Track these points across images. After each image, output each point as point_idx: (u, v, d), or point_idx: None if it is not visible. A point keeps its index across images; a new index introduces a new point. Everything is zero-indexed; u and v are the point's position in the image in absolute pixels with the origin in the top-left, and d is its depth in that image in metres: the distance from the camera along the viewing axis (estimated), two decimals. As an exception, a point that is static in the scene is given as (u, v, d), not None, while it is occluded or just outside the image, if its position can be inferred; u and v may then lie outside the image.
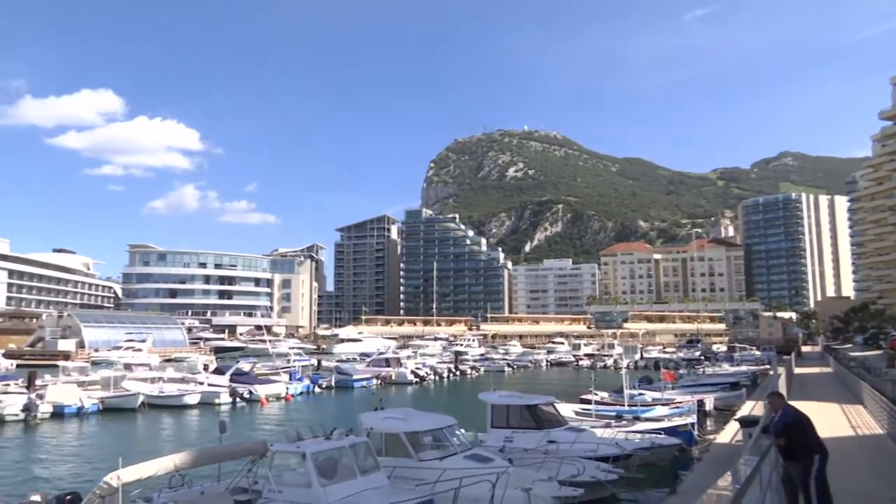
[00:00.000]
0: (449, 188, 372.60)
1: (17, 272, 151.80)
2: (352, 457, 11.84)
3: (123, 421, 33.35)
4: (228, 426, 14.16)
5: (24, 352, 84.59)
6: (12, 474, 20.83)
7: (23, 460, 23.40)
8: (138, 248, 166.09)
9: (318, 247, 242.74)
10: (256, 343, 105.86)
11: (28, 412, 32.64)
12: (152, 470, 9.05)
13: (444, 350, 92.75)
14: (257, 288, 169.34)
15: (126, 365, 51.83)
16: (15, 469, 21.70)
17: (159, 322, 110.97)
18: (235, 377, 44.93)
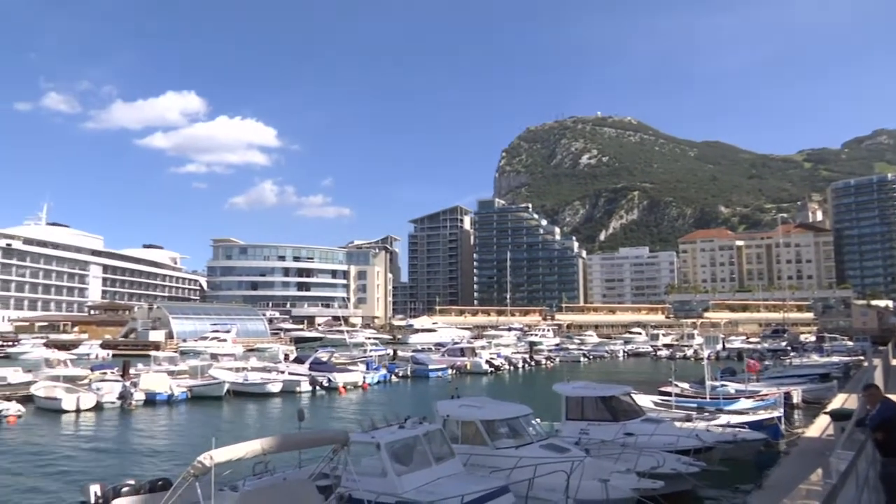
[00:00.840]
0: (521, 177, 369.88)
1: (111, 267, 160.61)
2: (426, 445, 11.94)
3: (210, 408, 34.81)
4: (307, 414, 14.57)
5: (118, 342, 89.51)
6: (110, 458, 22.08)
7: (119, 444, 24.80)
8: (221, 242, 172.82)
9: (393, 238, 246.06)
10: (334, 333, 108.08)
11: (123, 399, 34.49)
12: (242, 452, 9.37)
13: (518, 340, 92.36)
14: (334, 280, 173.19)
15: (212, 355, 54.00)
16: (112, 453, 23.01)
17: (242, 313, 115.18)
18: (314, 366, 46.11)
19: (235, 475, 11.11)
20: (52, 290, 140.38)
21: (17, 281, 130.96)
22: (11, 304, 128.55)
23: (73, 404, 32.35)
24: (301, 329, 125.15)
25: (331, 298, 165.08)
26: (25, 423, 29.55)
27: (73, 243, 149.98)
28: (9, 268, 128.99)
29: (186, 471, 8.96)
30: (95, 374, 41.48)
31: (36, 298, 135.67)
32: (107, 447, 24.22)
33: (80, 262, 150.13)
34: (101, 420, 30.99)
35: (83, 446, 24.50)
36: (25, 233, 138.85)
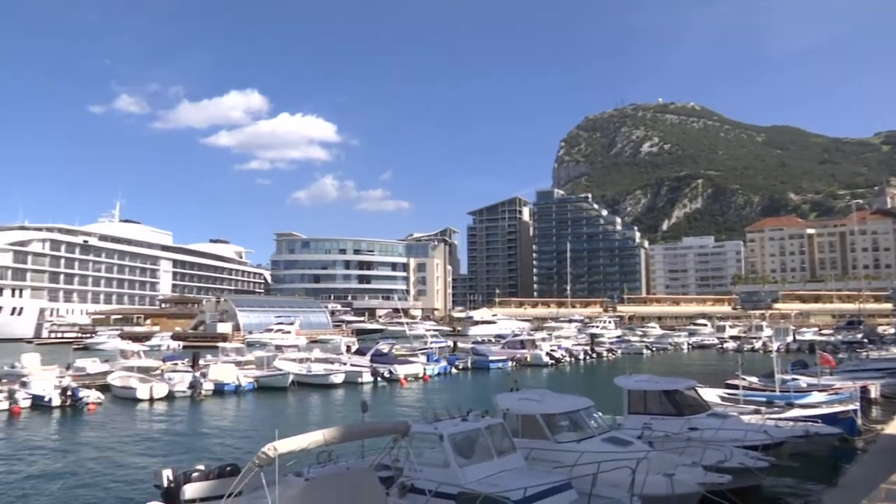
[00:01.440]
0: (581, 167, 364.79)
1: (180, 262, 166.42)
2: (488, 438, 11.93)
3: (275, 398, 35.72)
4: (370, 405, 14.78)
5: (188, 334, 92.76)
6: (181, 445, 22.98)
7: (190, 431, 25.80)
8: (284, 236, 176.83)
9: (451, 231, 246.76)
10: (394, 325, 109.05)
11: (194, 389, 35.73)
12: (305, 443, 9.58)
13: (579, 332, 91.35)
14: (394, 272, 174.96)
15: (277, 346, 55.25)
16: (183, 440, 23.95)
17: (305, 306, 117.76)
18: (376, 358, 46.69)
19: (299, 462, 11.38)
20: (125, 285, 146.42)
21: (93, 276, 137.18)
22: (89, 298, 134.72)
23: (147, 393, 33.76)
24: (362, 321, 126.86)
25: (391, 291, 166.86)
26: (104, 410, 31.01)
27: (144, 239, 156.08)
28: (86, 263, 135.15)
29: (252, 461, 9.23)
30: (167, 365, 43.11)
31: (111, 292, 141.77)
32: (178, 434, 25.25)
33: (152, 258, 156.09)
34: (172, 408, 32.26)
35: (156, 433, 25.60)
36: (100, 230, 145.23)
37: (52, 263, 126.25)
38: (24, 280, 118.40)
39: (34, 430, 26.02)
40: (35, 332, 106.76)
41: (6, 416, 29.01)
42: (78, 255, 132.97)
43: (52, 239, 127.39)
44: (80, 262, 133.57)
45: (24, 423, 27.69)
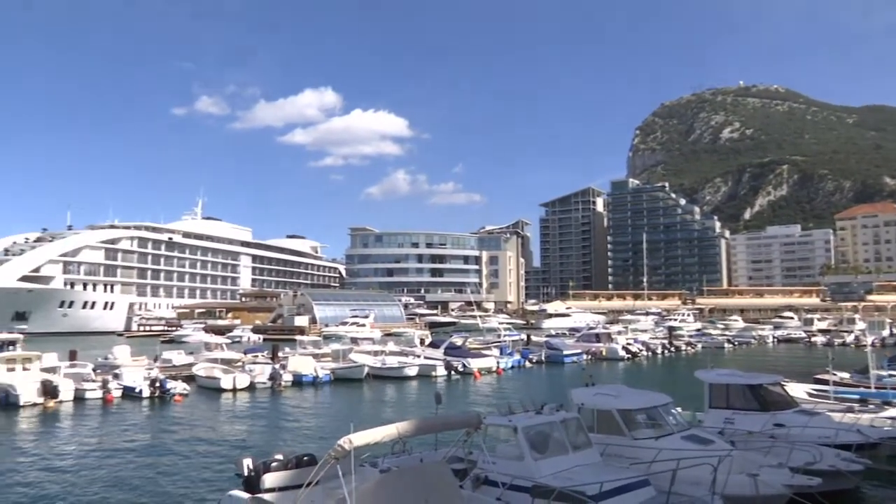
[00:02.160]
0: (657, 155, 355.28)
1: (259, 257, 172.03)
2: (563, 432, 11.82)
3: (351, 390, 36.49)
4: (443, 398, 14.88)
5: (267, 327, 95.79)
6: (261, 434, 23.81)
7: (269, 421, 26.68)
8: (358, 231, 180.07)
9: (524, 223, 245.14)
10: (467, 318, 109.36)
11: (273, 380, 36.93)
12: (379, 436, 9.74)
13: (656, 325, 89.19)
14: (466, 265, 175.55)
15: (352, 339, 56.34)
16: (263, 430, 24.80)
17: (379, 299, 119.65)
18: (449, 351, 46.94)
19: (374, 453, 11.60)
20: (208, 280, 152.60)
21: (177, 271, 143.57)
22: (174, 293, 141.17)
23: (230, 384, 35.12)
24: (435, 314, 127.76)
25: (463, 284, 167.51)
26: (189, 400, 32.48)
27: (225, 235, 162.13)
28: (171, 259, 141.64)
29: (328, 454, 9.46)
30: (248, 357, 44.68)
31: (194, 287, 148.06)
32: (258, 424, 26.18)
33: (232, 253, 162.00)
34: (254, 399, 33.42)
35: (238, 422, 26.63)
36: (184, 227, 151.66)
37: (140, 260, 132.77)
38: (115, 276, 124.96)
39: (125, 418, 27.49)
40: (125, 325, 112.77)
41: (100, 405, 30.76)
42: (163, 251, 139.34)
43: (139, 237, 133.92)
44: (165, 259, 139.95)
45: (116, 412, 29.31)
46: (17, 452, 20.77)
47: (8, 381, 30.56)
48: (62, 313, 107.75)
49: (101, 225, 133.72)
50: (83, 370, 35.03)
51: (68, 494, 15.81)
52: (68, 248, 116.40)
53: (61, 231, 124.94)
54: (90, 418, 27.59)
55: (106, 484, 16.65)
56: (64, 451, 21.00)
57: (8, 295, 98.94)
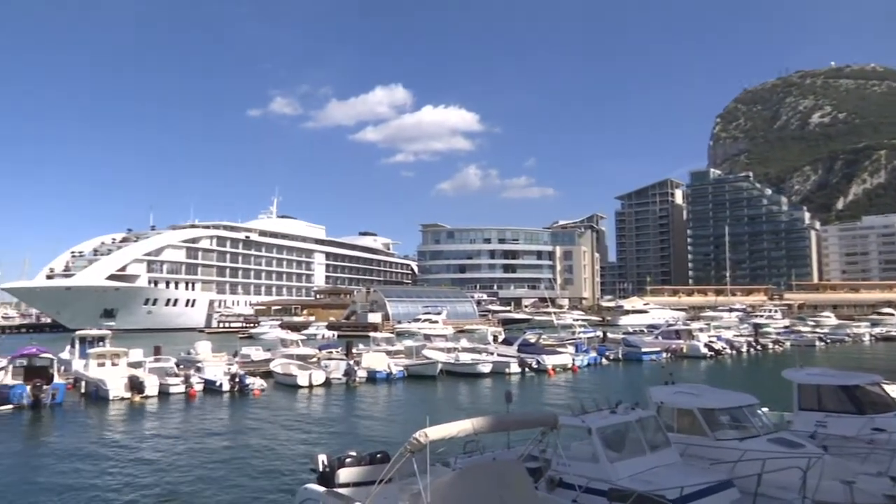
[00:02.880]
0: (739, 144, 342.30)
1: (332, 254, 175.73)
2: (640, 432, 11.55)
3: (425, 386, 36.86)
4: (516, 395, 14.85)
5: (341, 324, 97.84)
6: (336, 430, 24.39)
7: (344, 418, 27.29)
8: (430, 227, 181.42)
9: (598, 217, 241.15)
10: (541, 315, 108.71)
11: (348, 376, 37.73)
12: (454, 431, 9.77)
13: (740, 322, 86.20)
14: (539, 261, 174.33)
15: (425, 336, 56.87)
16: (338, 425, 25.41)
17: (451, 296, 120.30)
18: (523, 348, 46.77)
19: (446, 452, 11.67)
20: (283, 277, 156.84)
21: (254, 269, 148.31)
22: (251, 290, 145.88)
23: (306, 380, 36.06)
24: (508, 311, 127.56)
25: (537, 280, 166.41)
26: (267, 395, 33.59)
27: (299, 233, 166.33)
28: (248, 257, 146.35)
29: (403, 447, 9.57)
30: (323, 353, 45.75)
31: (271, 284, 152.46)
32: (333, 419, 26.84)
33: (307, 251, 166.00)
34: (329, 395, 34.21)
35: (314, 418, 27.34)
36: (260, 225, 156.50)
37: (219, 258, 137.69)
38: (196, 274, 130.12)
39: (206, 412, 28.69)
40: (206, 322, 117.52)
41: (183, 399, 32.15)
42: (241, 250, 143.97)
43: (218, 236, 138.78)
44: (243, 257, 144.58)
45: (197, 406, 30.61)
46: (109, 443, 22.07)
47: (99, 375, 32.42)
48: (147, 311, 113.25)
49: (182, 225, 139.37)
50: (166, 365, 36.77)
51: (155, 484, 16.71)
52: (152, 247, 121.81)
53: (145, 231, 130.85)
54: (174, 412, 28.92)
55: (189, 475, 17.49)
56: (151, 443, 22.14)
57: (97, 293, 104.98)
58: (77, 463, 19.19)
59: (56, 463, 19.31)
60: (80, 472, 18.09)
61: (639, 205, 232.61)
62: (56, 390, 29.51)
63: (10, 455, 20.44)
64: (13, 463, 19.39)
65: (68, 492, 16.07)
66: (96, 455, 20.13)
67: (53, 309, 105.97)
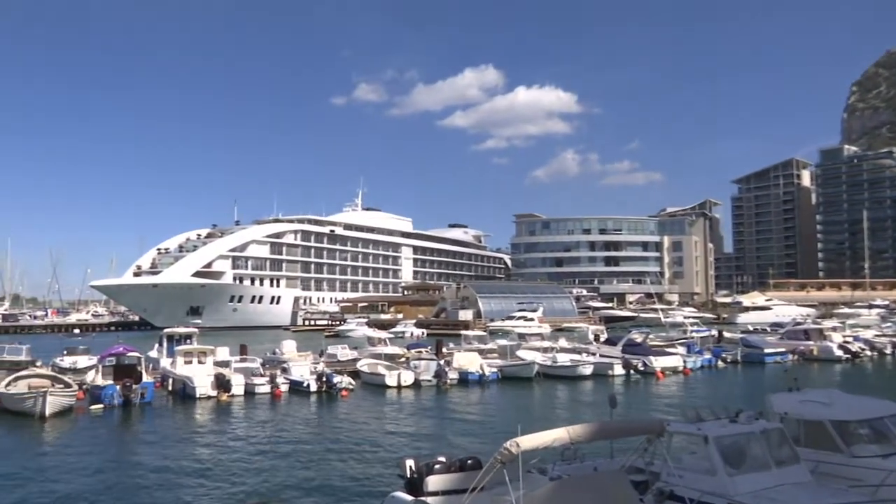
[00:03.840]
0: (880, 115, 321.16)
1: (420, 248, 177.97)
2: (763, 444, 11.04)
3: (520, 389, 36.79)
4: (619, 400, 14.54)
5: (430, 322, 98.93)
6: (425, 434, 24.80)
7: (434, 421, 27.70)
8: (524, 217, 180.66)
9: (712, 203, 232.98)
10: (647, 312, 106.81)
11: (439, 377, 38.10)
12: (549, 439, 9.70)
13: (882, 320, 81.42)
14: (645, 252, 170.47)
15: (520, 334, 56.72)
16: (427, 429, 25.81)
17: (548, 291, 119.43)
18: (628, 348, 45.91)
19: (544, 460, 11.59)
20: (369, 272, 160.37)
21: (339, 264, 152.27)
22: (337, 286, 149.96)
23: (395, 381, 36.71)
24: (610, 307, 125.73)
25: (642, 273, 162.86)
26: (354, 395, 34.51)
27: (385, 226, 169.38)
28: (333, 252, 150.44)
29: (494, 457, 9.58)
30: (412, 353, 46.47)
31: (356, 280, 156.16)
32: (423, 423, 27.32)
33: (393, 245, 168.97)
34: (418, 396, 34.78)
35: (402, 420, 27.90)
36: (345, 219, 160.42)
37: (304, 254, 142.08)
38: (280, 270, 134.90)
39: (292, 413, 29.80)
40: (291, 319, 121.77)
41: (269, 398, 33.47)
42: (326, 244, 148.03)
43: (302, 230, 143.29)
44: (327, 252, 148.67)
45: (283, 406, 31.83)
46: (198, 443, 23.37)
47: (186, 373, 34.22)
48: (232, 308, 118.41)
49: (266, 219, 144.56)
50: (252, 364, 38.38)
51: (241, 483, 17.66)
52: (236, 243, 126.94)
53: (229, 226, 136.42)
54: (260, 412, 30.26)
55: (275, 476, 18.30)
56: (237, 442, 23.27)
57: (183, 290, 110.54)
58: (167, 461, 20.43)
59: (148, 461, 20.64)
60: (169, 470, 19.27)
61: (759, 188, 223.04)
62: (145, 389, 31.36)
63: (105, 454, 21.93)
64: (108, 462, 20.79)
65: (159, 489, 17.20)
66: (185, 454, 21.40)
67: (141, 306, 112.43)
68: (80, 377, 34.61)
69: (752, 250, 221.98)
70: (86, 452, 21.86)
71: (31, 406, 27.57)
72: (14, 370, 34.98)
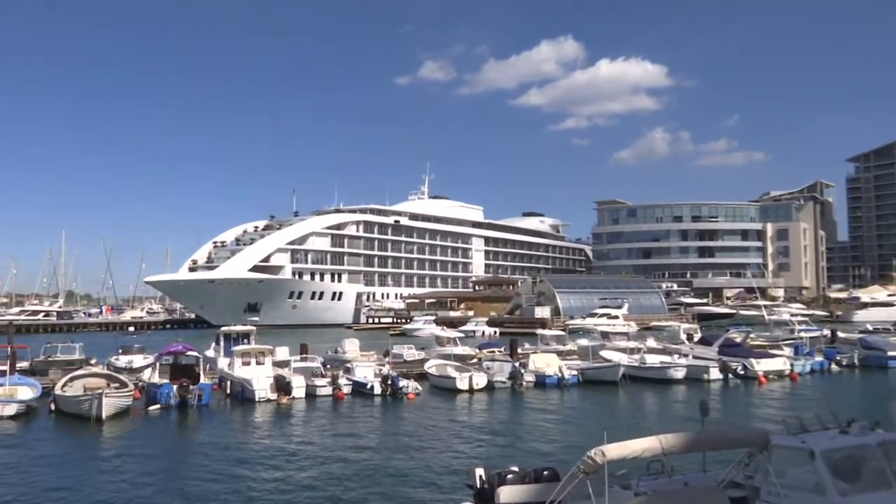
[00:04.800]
0: None
1: (492, 239, 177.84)
2: (882, 459, 10.64)
3: (603, 394, 36.50)
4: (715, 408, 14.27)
5: (503, 319, 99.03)
6: (497, 441, 24.89)
7: (507, 428, 27.75)
8: (607, 204, 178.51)
9: (823, 185, 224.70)
10: (747, 309, 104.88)
11: (513, 380, 38.18)
12: (637, 449, 9.61)
13: None
14: (745, 242, 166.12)
15: (603, 333, 56.27)
16: (499, 436, 25.88)
17: (634, 286, 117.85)
18: (725, 349, 45.01)
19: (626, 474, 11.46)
20: (437, 266, 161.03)
21: (405, 257, 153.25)
22: (402, 281, 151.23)
23: (466, 384, 36.90)
24: (705, 304, 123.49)
25: (741, 265, 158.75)
26: (422, 399, 34.91)
27: (455, 216, 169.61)
28: (398, 244, 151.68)
29: (576, 466, 9.54)
30: (484, 353, 46.65)
31: (423, 274, 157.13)
32: (495, 429, 27.45)
33: (463, 236, 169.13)
34: (492, 401, 34.93)
35: (473, 426, 28.09)
36: (410, 208, 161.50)
37: (366, 246, 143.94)
38: (342, 264, 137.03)
39: (356, 417, 30.43)
40: (353, 317, 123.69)
41: (331, 401, 34.23)
42: (390, 235, 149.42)
43: (364, 220, 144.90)
44: (392, 244, 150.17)
45: (346, 409, 32.49)
46: (258, 448, 24.04)
47: (244, 375, 35.11)
48: (291, 304, 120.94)
49: (326, 210, 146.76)
50: (313, 365, 39.25)
51: (302, 490, 18.19)
52: (295, 235, 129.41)
53: (288, 218, 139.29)
54: (322, 416, 30.97)
55: (338, 484, 18.74)
56: (298, 448, 23.89)
57: (240, 286, 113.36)
58: (226, 466, 21.18)
59: (206, 464, 21.44)
60: (228, 476, 19.96)
61: (880, 167, 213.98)
62: (202, 391, 32.48)
63: (162, 457, 22.92)
64: (165, 465, 21.72)
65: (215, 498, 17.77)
66: (244, 460, 22.07)
67: (197, 303, 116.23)
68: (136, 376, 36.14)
69: (871, 238, 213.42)
70: (147, 457, 22.73)
71: (87, 408, 28.69)
72: (68, 370, 36.86)
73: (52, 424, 29.29)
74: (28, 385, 33.03)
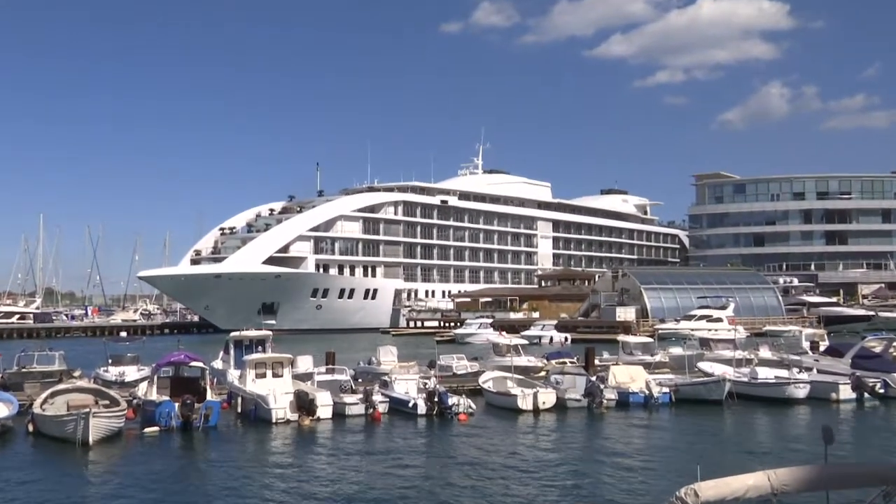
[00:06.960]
0: None
1: (562, 223, 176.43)
2: None
3: (702, 416, 36.20)
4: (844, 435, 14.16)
5: (577, 323, 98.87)
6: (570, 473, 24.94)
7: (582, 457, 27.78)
8: (708, 178, 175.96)
9: None
10: (889, 310, 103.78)
11: (590, 398, 37.76)
12: (741, 488, 9.61)
13: None
14: (886, 225, 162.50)
15: (702, 341, 55.81)
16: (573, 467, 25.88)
17: (742, 281, 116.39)
18: (860, 361, 44.25)
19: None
20: (494, 256, 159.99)
21: (455, 246, 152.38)
22: (451, 276, 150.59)
23: (530, 403, 36.88)
24: (834, 303, 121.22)
25: (881, 255, 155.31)
26: (476, 420, 34.99)
27: (516, 194, 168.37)
28: (445, 230, 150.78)
29: (665, 507, 9.62)
30: (553, 365, 46.59)
31: (477, 267, 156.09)
32: (567, 459, 27.39)
33: (526, 219, 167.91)
34: (562, 424, 34.90)
35: (540, 455, 28.10)
36: (461, 185, 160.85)
37: (407, 233, 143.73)
38: (377, 255, 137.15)
39: (396, 442, 30.52)
40: (391, 319, 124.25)
41: (364, 423, 34.33)
42: (436, 219, 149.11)
43: (404, 201, 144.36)
44: (438, 230, 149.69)
45: (383, 433, 32.67)
46: (278, 483, 24.06)
47: (258, 390, 35.16)
48: (315, 304, 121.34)
49: (358, 188, 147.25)
50: (341, 378, 39.55)
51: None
52: (320, 219, 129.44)
53: (310, 198, 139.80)
54: (354, 440, 31.13)
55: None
56: (327, 484, 23.88)
57: (253, 282, 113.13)
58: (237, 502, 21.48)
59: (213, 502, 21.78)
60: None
61: None
62: (209, 409, 32.51)
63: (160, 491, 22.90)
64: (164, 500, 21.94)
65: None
66: (259, 496, 22.22)
67: (200, 303, 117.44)
68: (128, 392, 36.69)
69: None
70: (142, 489, 22.82)
71: (71, 431, 28.72)
72: (47, 383, 37.29)
73: (31, 449, 29.76)
74: (3, 401, 33.41)
